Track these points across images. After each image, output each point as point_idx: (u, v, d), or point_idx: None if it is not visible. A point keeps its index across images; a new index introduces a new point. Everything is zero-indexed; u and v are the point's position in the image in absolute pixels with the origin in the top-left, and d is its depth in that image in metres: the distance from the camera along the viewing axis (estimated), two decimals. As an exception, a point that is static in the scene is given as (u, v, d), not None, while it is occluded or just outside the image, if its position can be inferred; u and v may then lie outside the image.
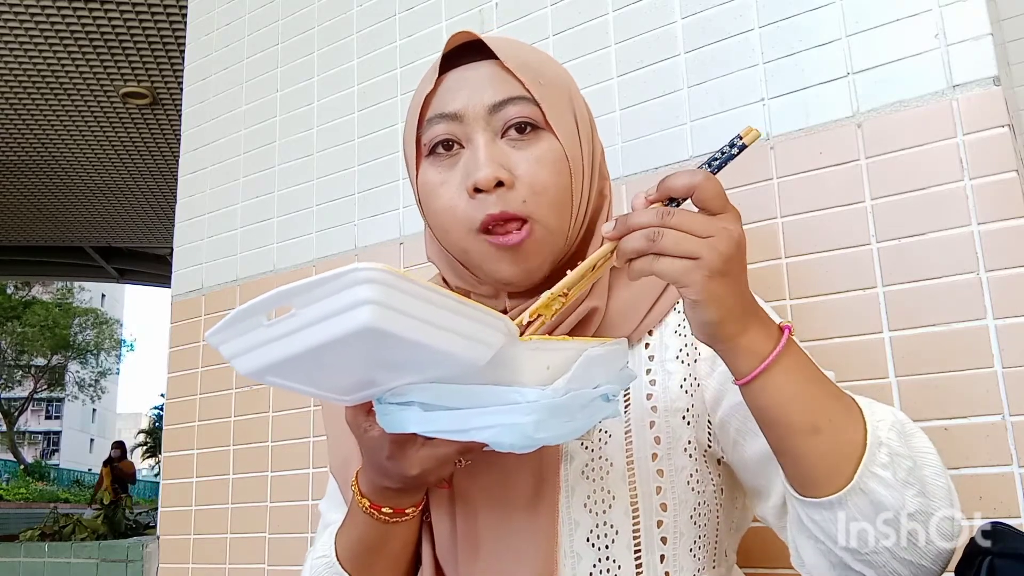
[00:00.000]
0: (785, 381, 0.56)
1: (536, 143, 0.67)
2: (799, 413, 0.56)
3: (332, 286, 0.43)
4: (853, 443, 0.56)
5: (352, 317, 0.42)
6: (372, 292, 0.42)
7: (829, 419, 0.56)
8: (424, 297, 0.45)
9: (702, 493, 0.68)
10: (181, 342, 1.74)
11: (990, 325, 0.86)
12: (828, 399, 0.58)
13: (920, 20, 0.96)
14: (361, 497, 0.63)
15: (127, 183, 6.15)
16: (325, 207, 1.54)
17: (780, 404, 0.56)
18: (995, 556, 0.54)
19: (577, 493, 0.67)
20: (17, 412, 24.18)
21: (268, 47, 1.72)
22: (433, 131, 0.68)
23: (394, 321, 0.43)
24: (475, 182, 0.64)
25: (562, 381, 0.53)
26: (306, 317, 0.44)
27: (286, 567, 1.45)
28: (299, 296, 0.44)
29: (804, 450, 0.56)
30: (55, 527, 4.04)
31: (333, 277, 0.43)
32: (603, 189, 0.75)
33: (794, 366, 0.57)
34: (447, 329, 0.47)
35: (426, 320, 0.45)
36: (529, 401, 0.51)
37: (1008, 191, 0.88)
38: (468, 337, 0.48)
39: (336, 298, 0.43)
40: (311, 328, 0.44)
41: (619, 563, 0.65)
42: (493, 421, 0.51)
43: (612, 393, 0.59)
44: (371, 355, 0.47)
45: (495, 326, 0.50)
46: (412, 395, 0.52)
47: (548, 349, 0.55)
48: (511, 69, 0.67)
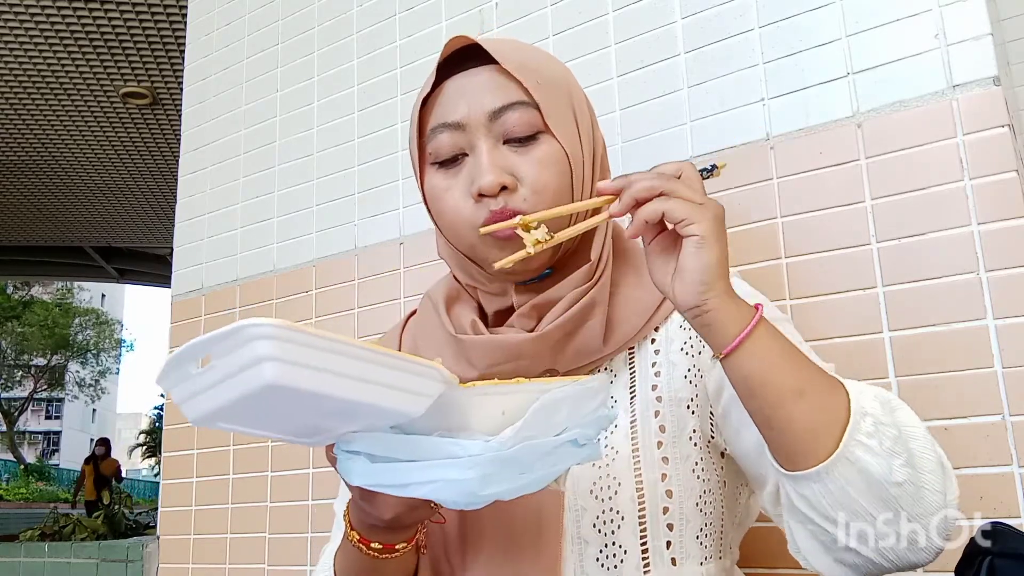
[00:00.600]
0: (769, 346, 0.57)
1: (537, 145, 0.69)
2: (784, 375, 0.57)
3: (231, 342, 0.41)
4: (837, 410, 0.56)
5: (257, 374, 0.41)
6: (270, 348, 0.40)
7: (812, 383, 0.57)
8: (333, 350, 0.43)
9: (707, 481, 0.69)
10: (181, 342, 1.73)
11: (990, 325, 0.86)
12: (810, 365, 0.59)
13: (920, 20, 0.96)
14: (351, 530, 0.63)
15: (127, 183, 6.15)
16: (325, 207, 1.54)
17: (765, 369, 0.56)
18: (995, 556, 0.54)
19: (583, 481, 0.68)
20: (17, 412, 24.18)
21: (268, 47, 1.72)
22: (438, 141, 0.71)
23: (301, 377, 0.41)
24: (479, 188, 0.67)
25: (511, 430, 0.49)
26: (221, 370, 0.42)
27: (286, 567, 1.45)
28: (212, 347, 0.42)
29: (789, 416, 0.56)
30: (55, 527, 4.04)
31: (227, 334, 0.41)
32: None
33: (774, 333, 0.58)
34: (368, 381, 0.44)
35: (340, 373, 0.43)
36: (471, 455, 0.48)
37: (1008, 191, 0.88)
38: (395, 388, 0.46)
39: (238, 354, 0.41)
40: (228, 381, 0.42)
41: (625, 548, 0.66)
42: (434, 476, 0.48)
43: (584, 437, 0.55)
44: (301, 406, 0.45)
45: (426, 375, 0.47)
46: (359, 444, 0.50)
47: (499, 393, 0.52)
48: (510, 72, 0.69)
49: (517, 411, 0.51)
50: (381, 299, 1.41)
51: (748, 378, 0.57)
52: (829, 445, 0.55)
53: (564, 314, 0.69)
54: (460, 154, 0.70)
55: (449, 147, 0.70)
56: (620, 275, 0.75)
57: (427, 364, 0.47)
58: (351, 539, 0.62)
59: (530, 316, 0.72)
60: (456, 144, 0.70)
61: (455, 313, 0.77)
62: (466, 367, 0.73)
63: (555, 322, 0.69)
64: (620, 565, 0.66)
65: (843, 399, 0.57)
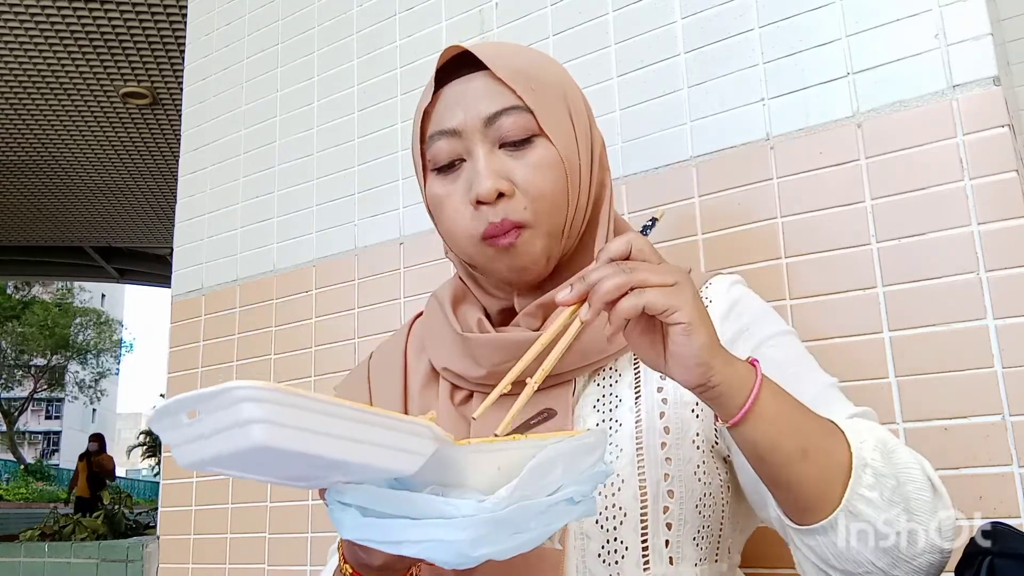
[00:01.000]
0: (774, 408, 0.57)
1: (532, 150, 0.70)
2: (789, 439, 0.57)
3: (217, 402, 0.41)
4: (840, 465, 0.58)
5: (245, 434, 0.41)
6: (259, 411, 0.40)
7: (815, 442, 0.58)
8: (322, 411, 0.43)
9: (708, 485, 0.70)
10: (181, 342, 1.74)
11: (990, 325, 0.86)
12: (811, 422, 0.59)
13: (920, 20, 0.96)
14: (344, 563, 0.63)
15: (127, 183, 6.15)
16: (325, 207, 1.54)
17: (771, 434, 0.57)
18: (995, 556, 0.54)
19: None
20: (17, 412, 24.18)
21: (268, 47, 1.72)
22: (435, 148, 0.72)
23: (289, 438, 0.41)
24: (477, 196, 0.69)
25: (505, 490, 0.48)
26: (210, 425, 0.42)
27: (286, 567, 1.45)
28: (199, 404, 0.42)
29: (796, 477, 0.58)
30: (55, 527, 4.04)
31: (214, 394, 0.41)
32: (603, 179, 0.78)
33: (776, 392, 0.58)
34: (358, 441, 0.44)
35: (329, 434, 0.43)
36: (464, 515, 0.47)
37: (1008, 191, 0.88)
38: (386, 447, 0.45)
39: (225, 412, 0.41)
40: (216, 436, 0.42)
41: (627, 545, 0.67)
42: (425, 535, 0.47)
43: (580, 495, 0.53)
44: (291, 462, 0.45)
45: (418, 432, 0.47)
46: (350, 496, 0.49)
47: (494, 450, 0.51)
48: (502, 79, 0.70)
49: (513, 467, 0.50)
50: (381, 299, 1.41)
51: (756, 444, 0.57)
52: (833, 500, 0.57)
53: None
54: (458, 160, 0.72)
55: (447, 153, 0.72)
56: None
57: (419, 423, 0.47)
58: (344, 572, 0.63)
59: (535, 315, 0.72)
60: (453, 150, 0.71)
61: (461, 312, 0.78)
62: (472, 365, 0.73)
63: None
64: (621, 561, 0.67)
65: (845, 453, 0.58)
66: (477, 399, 0.75)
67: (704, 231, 1.07)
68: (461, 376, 0.75)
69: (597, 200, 0.77)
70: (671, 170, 1.11)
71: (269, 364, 1.56)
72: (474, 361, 0.73)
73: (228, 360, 1.63)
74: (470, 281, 0.79)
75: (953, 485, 0.85)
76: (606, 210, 0.77)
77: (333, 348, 1.47)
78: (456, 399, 0.76)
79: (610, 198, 0.78)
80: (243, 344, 1.61)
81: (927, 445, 0.87)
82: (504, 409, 0.72)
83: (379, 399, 0.82)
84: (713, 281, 0.78)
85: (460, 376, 0.75)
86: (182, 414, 0.43)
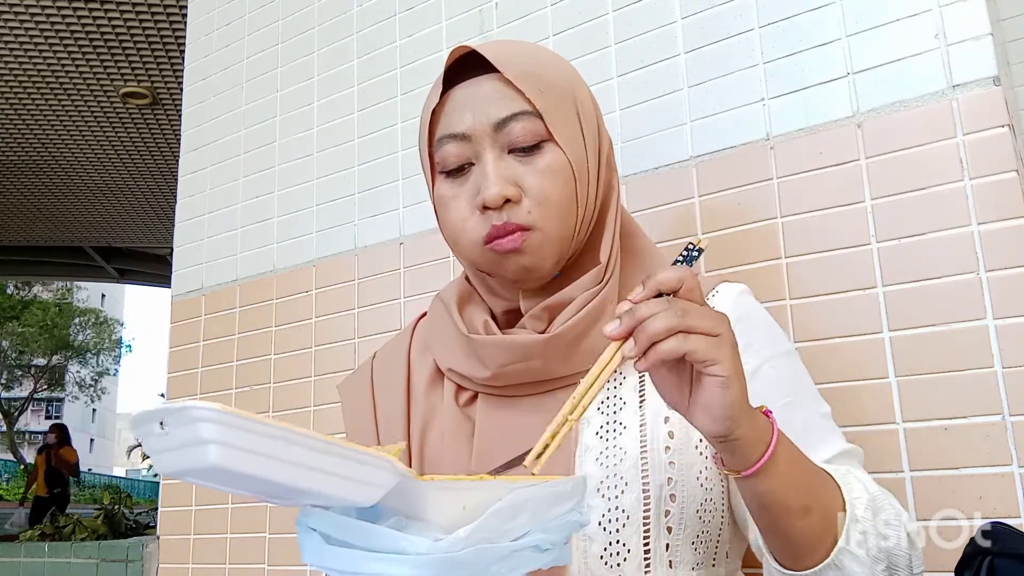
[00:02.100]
0: (784, 466, 0.58)
1: (541, 155, 0.70)
2: (795, 494, 0.59)
3: (179, 417, 0.42)
4: (834, 521, 0.61)
5: (204, 453, 0.41)
6: (215, 432, 0.41)
7: (818, 499, 0.60)
8: (279, 436, 0.43)
9: (710, 491, 0.70)
10: (181, 342, 1.74)
11: (990, 325, 0.86)
12: (815, 478, 0.62)
13: (920, 20, 0.96)
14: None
15: (127, 183, 6.15)
16: (325, 207, 1.54)
17: (779, 488, 0.58)
18: (995, 556, 0.54)
19: (590, 479, 0.69)
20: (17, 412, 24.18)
21: (268, 47, 1.72)
22: (444, 151, 0.72)
23: (245, 461, 0.42)
24: (484, 200, 0.69)
25: (464, 531, 0.47)
26: (175, 438, 0.43)
27: (286, 567, 1.45)
28: (164, 417, 0.43)
29: (795, 530, 0.60)
30: (55, 527, 4.04)
31: (175, 411, 0.42)
32: (611, 180, 0.78)
33: (788, 447, 0.59)
34: (316, 469, 0.45)
35: (287, 461, 0.43)
36: (419, 553, 0.46)
37: (1008, 191, 0.88)
38: (344, 478, 0.46)
39: (187, 429, 0.42)
40: (181, 451, 0.43)
41: (629, 547, 0.67)
42: (382, 570, 0.47)
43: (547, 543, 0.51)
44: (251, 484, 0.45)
45: (378, 466, 0.47)
46: (315, 521, 0.50)
47: (459, 488, 0.51)
48: (512, 81, 0.70)
49: (478, 507, 0.49)
50: (381, 299, 1.41)
51: (762, 496, 0.58)
52: (822, 553, 0.60)
53: (575, 316, 0.70)
54: (467, 164, 0.72)
55: (455, 157, 0.72)
56: (629, 276, 0.76)
57: (379, 456, 0.47)
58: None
59: (541, 318, 0.72)
60: (462, 154, 0.71)
61: (467, 313, 0.78)
62: (478, 366, 0.73)
63: (566, 323, 0.70)
64: (623, 563, 0.67)
65: (840, 508, 0.61)
66: (482, 400, 0.75)
67: (704, 231, 1.07)
68: (466, 377, 0.75)
69: (604, 202, 0.76)
70: (671, 170, 1.11)
71: (269, 364, 1.56)
72: (480, 362, 0.73)
73: (228, 360, 1.63)
74: (477, 282, 0.79)
75: (953, 485, 0.85)
76: (613, 211, 0.77)
77: (333, 348, 1.47)
78: (461, 400, 0.76)
79: (617, 198, 0.78)
80: (243, 344, 1.61)
81: (927, 445, 0.87)
82: (511, 410, 0.73)
83: (382, 400, 0.82)
84: (720, 289, 0.78)
85: (465, 377, 0.75)
86: (155, 424, 0.44)
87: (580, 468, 0.69)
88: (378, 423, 0.80)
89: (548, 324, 0.72)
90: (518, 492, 0.50)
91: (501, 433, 0.71)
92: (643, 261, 0.78)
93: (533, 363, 0.71)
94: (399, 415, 0.78)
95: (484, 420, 0.73)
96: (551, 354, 0.70)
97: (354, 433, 0.82)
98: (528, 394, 0.73)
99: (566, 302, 0.71)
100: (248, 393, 1.58)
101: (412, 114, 1.44)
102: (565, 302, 0.71)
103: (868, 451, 0.90)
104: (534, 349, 0.70)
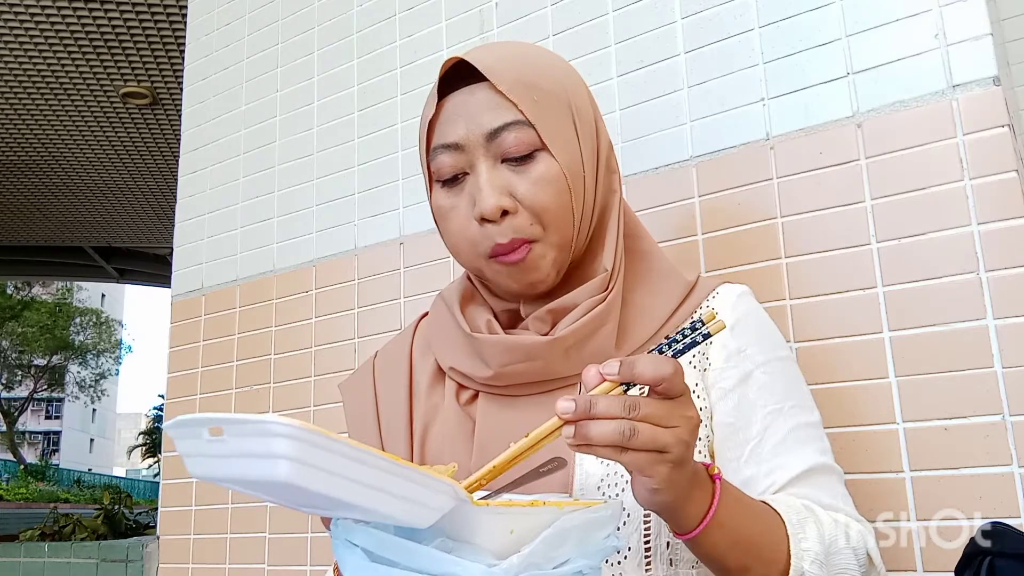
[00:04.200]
0: (721, 531, 0.60)
1: (535, 165, 0.70)
2: (733, 556, 0.61)
3: (251, 429, 0.42)
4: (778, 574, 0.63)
5: (273, 466, 0.41)
6: (290, 448, 0.41)
7: (759, 557, 0.62)
8: (352, 456, 0.44)
9: None
10: (181, 342, 1.74)
11: (990, 325, 0.86)
12: (759, 537, 0.63)
13: (920, 20, 0.96)
14: None
15: (127, 183, 6.14)
16: (325, 207, 1.54)
17: (718, 549, 0.61)
18: (995, 556, 0.54)
19: (591, 478, 0.69)
20: (17, 412, 24.18)
21: (268, 47, 1.72)
22: (439, 161, 0.72)
23: (314, 479, 0.42)
24: (481, 213, 0.69)
25: (517, 558, 0.48)
26: (234, 447, 0.43)
27: (286, 567, 1.45)
28: (228, 426, 0.43)
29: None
30: (55, 527, 4.04)
31: (251, 422, 0.42)
32: (611, 184, 0.78)
33: (728, 514, 0.61)
34: (380, 490, 0.45)
35: (354, 480, 0.44)
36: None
37: (1008, 191, 0.88)
38: (407, 500, 0.46)
39: (257, 441, 0.42)
40: (239, 459, 0.43)
41: (629, 545, 0.68)
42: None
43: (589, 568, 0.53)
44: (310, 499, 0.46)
45: (439, 490, 0.47)
46: (358, 536, 0.49)
47: (510, 513, 0.51)
48: (503, 92, 0.70)
49: (525, 532, 0.50)
50: (381, 299, 1.41)
51: (700, 555, 0.62)
52: None
53: (579, 320, 0.70)
54: (461, 173, 0.72)
55: (450, 167, 0.72)
56: (633, 280, 0.77)
57: (443, 481, 0.47)
58: None
59: (545, 320, 0.73)
60: (456, 164, 0.72)
61: (470, 313, 0.78)
62: (480, 365, 0.74)
63: (570, 327, 0.70)
64: (624, 561, 0.67)
65: (785, 563, 0.63)
66: (483, 399, 0.75)
67: (704, 231, 1.07)
68: (468, 376, 0.76)
69: (605, 206, 0.76)
70: (671, 170, 1.11)
71: (269, 364, 1.56)
72: (482, 361, 0.73)
73: (228, 360, 1.63)
74: (478, 283, 0.80)
75: (953, 485, 0.85)
76: (615, 214, 0.76)
77: (333, 348, 1.47)
78: (462, 399, 0.77)
79: (619, 202, 0.78)
80: (243, 344, 1.61)
81: (927, 445, 0.87)
82: (512, 410, 0.73)
83: (385, 399, 0.82)
84: (720, 291, 0.78)
85: (467, 376, 0.76)
86: (204, 429, 0.44)
87: (580, 467, 0.70)
88: (380, 422, 0.80)
89: (552, 327, 0.72)
90: (565, 519, 0.51)
91: (502, 432, 0.72)
92: (647, 264, 0.78)
93: (535, 363, 0.71)
94: (401, 414, 0.79)
95: (484, 419, 0.73)
96: (553, 355, 0.71)
97: (356, 432, 0.82)
98: (529, 394, 0.73)
99: (570, 307, 0.72)
100: (248, 393, 1.58)
101: (412, 114, 1.44)
102: (570, 306, 0.72)
103: (868, 451, 0.90)
104: (537, 350, 0.71)
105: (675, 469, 0.54)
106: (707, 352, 0.74)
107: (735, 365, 0.73)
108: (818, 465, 0.71)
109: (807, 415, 0.74)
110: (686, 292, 0.76)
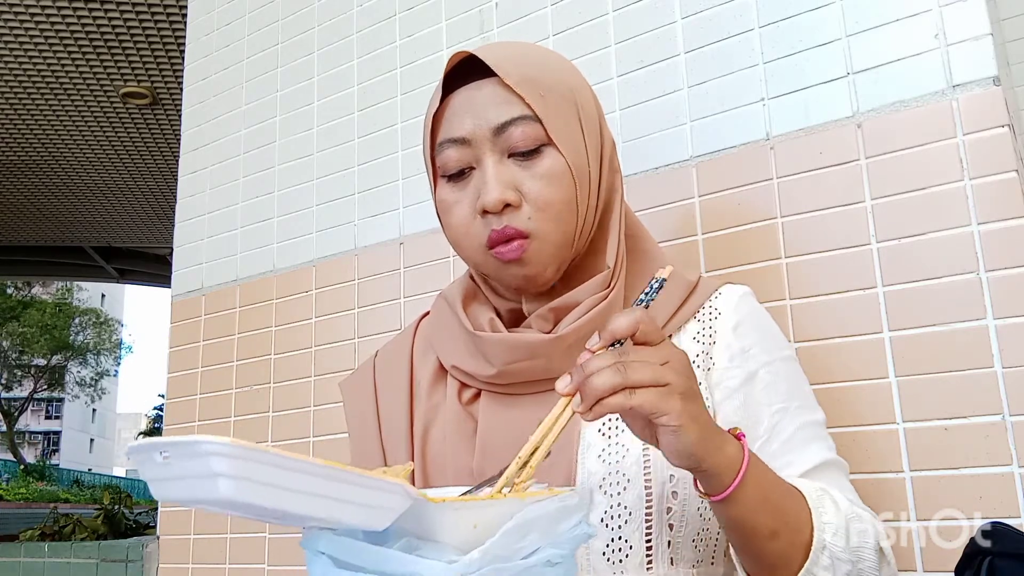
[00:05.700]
0: (754, 489, 0.60)
1: (541, 160, 0.71)
2: (764, 519, 0.61)
3: (187, 451, 0.42)
4: (802, 545, 0.63)
5: (213, 484, 0.41)
6: (225, 466, 0.41)
7: (786, 523, 0.62)
8: (288, 467, 0.43)
9: None
10: (181, 342, 1.74)
11: (990, 325, 0.86)
12: (786, 502, 0.63)
13: (920, 20, 0.96)
14: None
15: (127, 183, 6.14)
16: (325, 207, 1.54)
17: (748, 512, 0.60)
18: (995, 556, 0.54)
19: (593, 476, 0.69)
20: (17, 412, 24.18)
21: (268, 47, 1.72)
22: (445, 156, 0.73)
23: (256, 493, 0.42)
24: (484, 205, 0.69)
25: (477, 552, 0.48)
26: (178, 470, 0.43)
27: (286, 567, 1.45)
28: (170, 449, 0.43)
29: (763, 552, 0.62)
30: (55, 527, 4.03)
31: (184, 444, 0.42)
32: (613, 183, 0.78)
33: (758, 473, 0.61)
34: (326, 497, 0.45)
35: (297, 490, 0.44)
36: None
37: (1008, 191, 0.88)
38: (355, 504, 0.46)
39: (196, 462, 0.42)
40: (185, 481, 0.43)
41: (631, 544, 0.68)
42: None
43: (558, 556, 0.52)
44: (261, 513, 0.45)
45: (388, 490, 0.47)
46: (324, 545, 0.49)
47: (472, 508, 0.51)
48: (511, 86, 0.70)
49: (490, 525, 0.50)
50: (381, 299, 1.41)
51: (731, 518, 0.61)
52: (790, 573, 0.62)
53: (582, 318, 0.71)
54: (467, 168, 0.72)
55: (456, 162, 0.72)
56: (634, 279, 0.77)
57: (390, 481, 0.47)
58: None
59: (547, 318, 0.73)
60: (462, 159, 0.72)
61: (472, 311, 0.78)
62: (483, 363, 0.74)
63: (572, 325, 0.71)
64: (625, 560, 0.67)
65: (808, 532, 0.63)
66: (485, 398, 0.75)
67: (704, 231, 1.07)
68: (471, 375, 0.76)
69: (607, 204, 0.77)
70: (671, 170, 1.11)
71: (269, 364, 1.56)
72: (485, 360, 0.74)
73: (228, 360, 1.63)
74: (480, 281, 0.80)
75: (953, 485, 0.85)
76: (617, 213, 0.77)
77: (333, 348, 1.47)
78: (464, 398, 0.77)
79: (621, 201, 0.78)
80: (243, 344, 1.61)
81: (927, 445, 0.87)
82: (514, 408, 0.73)
83: (385, 399, 0.82)
84: (723, 291, 0.78)
85: (469, 375, 0.76)
86: (156, 452, 0.44)
87: (582, 465, 0.70)
88: (380, 422, 0.80)
89: (554, 325, 0.73)
90: (528, 510, 0.51)
91: (504, 431, 0.72)
92: (648, 263, 0.79)
93: (537, 361, 0.71)
94: (402, 414, 0.79)
95: (487, 418, 0.73)
96: (555, 353, 0.71)
97: (356, 432, 0.82)
98: (531, 392, 0.73)
99: (572, 305, 0.72)
100: (248, 393, 1.58)
101: (412, 114, 1.44)
102: (572, 305, 0.72)
103: (868, 451, 0.90)
104: (539, 348, 0.71)
105: (687, 401, 0.55)
106: (711, 352, 0.74)
107: (739, 365, 0.73)
108: (826, 461, 0.72)
109: (812, 414, 0.74)
110: (688, 292, 0.77)
